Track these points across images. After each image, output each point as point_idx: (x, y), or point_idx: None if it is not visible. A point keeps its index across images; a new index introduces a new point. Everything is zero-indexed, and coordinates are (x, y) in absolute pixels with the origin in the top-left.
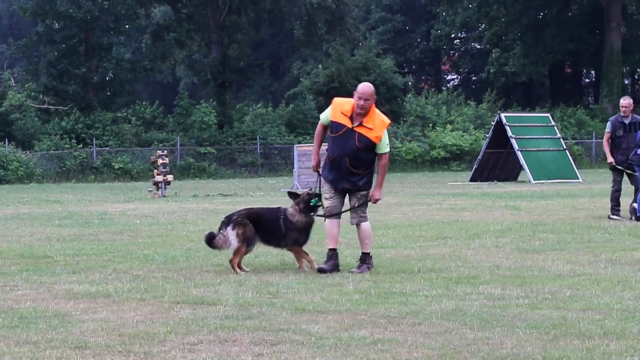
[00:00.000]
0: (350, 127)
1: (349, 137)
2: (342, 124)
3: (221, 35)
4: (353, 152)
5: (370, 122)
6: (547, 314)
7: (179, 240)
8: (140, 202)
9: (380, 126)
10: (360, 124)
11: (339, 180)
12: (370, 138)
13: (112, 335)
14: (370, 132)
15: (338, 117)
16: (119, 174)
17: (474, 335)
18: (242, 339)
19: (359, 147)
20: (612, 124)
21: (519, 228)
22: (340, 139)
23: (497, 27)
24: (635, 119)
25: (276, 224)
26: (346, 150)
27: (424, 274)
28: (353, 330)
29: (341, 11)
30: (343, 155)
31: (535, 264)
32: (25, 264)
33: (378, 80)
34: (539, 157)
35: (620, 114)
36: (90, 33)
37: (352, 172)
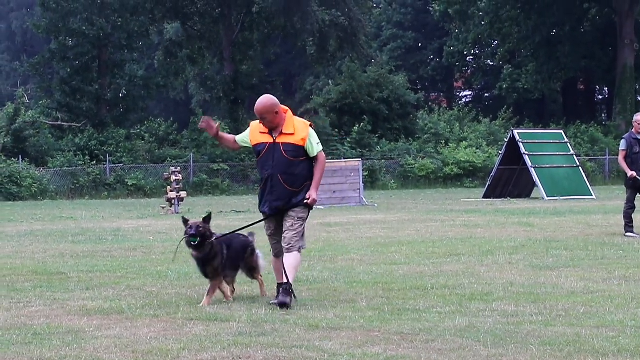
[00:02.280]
0: (272, 141)
1: (274, 151)
2: (264, 142)
3: (233, 52)
4: (283, 166)
5: (289, 128)
6: (560, 331)
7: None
8: (154, 218)
9: (301, 128)
10: (280, 133)
11: (271, 202)
12: (294, 143)
13: (125, 352)
14: (292, 137)
15: (258, 139)
16: (132, 191)
17: (487, 352)
18: (255, 356)
19: (288, 157)
20: (627, 142)
21: (532, 245)
22: (266, 157)
23: (509, 44)
24: None
25: None
26: (275, 166)
27: (438, 291)
28: (366, 347)
29: (353, 28)
30: (274, 173)
31: (548, 281)
32: (39, 281)
33: (391, 96)
34: (552, 174)
35: (632, 131)
36: (103, 50)
37: (287, 190)
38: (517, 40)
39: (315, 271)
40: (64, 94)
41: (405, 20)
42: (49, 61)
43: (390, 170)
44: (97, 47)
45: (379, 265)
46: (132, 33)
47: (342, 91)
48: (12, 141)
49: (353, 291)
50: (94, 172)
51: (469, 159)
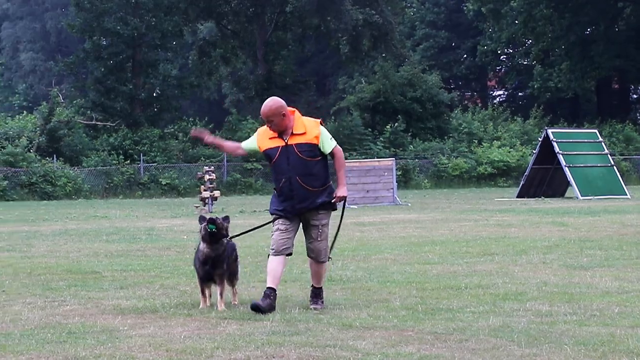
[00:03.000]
0: (284, 144)
1: (288, 153)
2: (275, 146)
3: (267, 51)
4: (300, 167)
5: (299, 128)
6: (595, 330)
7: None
8: (187, 217)
9: (312, 126)
10: (291, 134)
11: (293, 205)
12: (308, 142)
13: (159, 351)
14: (304, 137)
15: (268, 144)
16: (165, 190)
17: (521, 352)
18: (289, 355)
19: (304, 157)
20: None
21: (566, 244)
22: (280, 162)
23: (543, 42)
24: None
25: None
26: (292, 168)
27: (471, 290)
28: (400, 346)
29: (386, 27)
30: (292, 176)
31: (582, 281)
32: (73, 280)
33: (424, 96)
34: (587, 173)
35: None
36: (137, 50)
37: (308, 191)
38: (551, 39)
39: (348, 270)
40: (98, 93)
41: (439, 19)
42: (83, 61)
43: (423, 169)
44: (131, 47)
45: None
46: (166, 32)
47: (375, 90)
48: (47, 140)
49: (386, 291)
50: (127, 171)
51: (503, 159)
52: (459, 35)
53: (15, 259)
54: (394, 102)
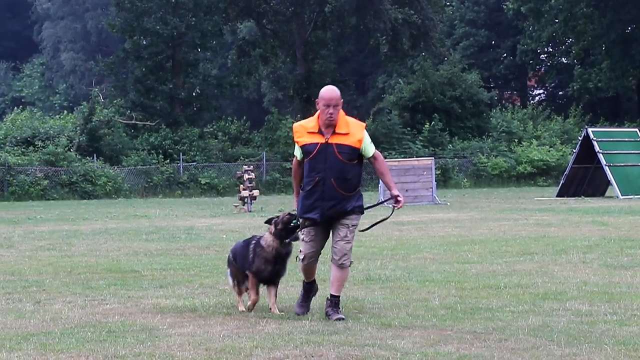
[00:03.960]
0: (325, 142)
1: (327, 152)
2: (314, 142)
3: (306, 50)
4: (338, 169)
5: (342, 127)
6: (636, 330)
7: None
8: (227, 217)
9: (357, 128)
10: (333, 133)
11: (323, 212)
12: (350, 145)
13: (198, 350)
14: (348, 138)
15: (307, 138)
16: (205, 189)
17: (561, 352)
18: (328, 354)
19: (342, 159)
20: None
21: (606, 244)
22: (316, 159)
23: (584, 41)
24: None
25: (246, 252)
26: (328, 169)
27: (510, 290)
28: (439, 345)
29: (426, 26)
30: (326, 177)
31: (623, 280)
32: (113, 278)
33: (464, 95)
34: (627, 173)
35: None
36: (177, 49)
37: (341, 195)
38: (592, 37)
39: (387, 270)
40: (138, 93)
41: (478, 18)
42: (123, 60)
43: (462, 168)
44: (171, 47)
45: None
46: (205, 32)
47: (414, 89)
48: (87, 140)
49: (425, 290)
50: (167, 170)
51: (543, 158)
52: (499, 34)
53: (56, 257)
54: (434, 101)
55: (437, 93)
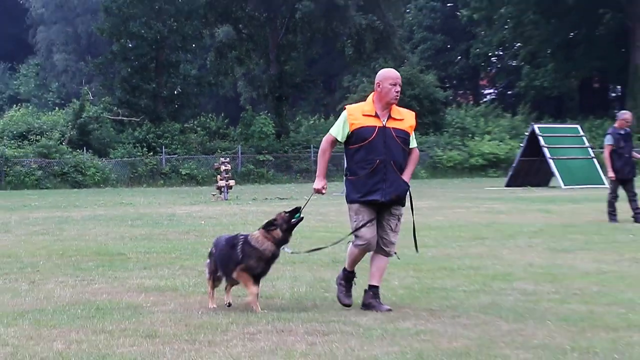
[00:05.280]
0: (382, 126)
1: (386, 136)
2: (372, 125)
3: (278, 53)
4: (396, 152)
5: (396, 113)
6: (575, 308)
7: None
8: (205, 204)
9: (410, 116)
10: (389, 117)
11: (384, 194)
12: (405, 129)
13: (179, 325)
14: (402, 123)
15: (363, 121)
16: (185, 179)
17: (508, 327)
18: (296, 330)
19: (400, 143)
20: (613, 137)
21: (550, 229)
22: (376, 142)
23: (531, 45)
24: (627, 130)
25: (232, 251)
26: (389, 152)
27: (463, 271)
28: (398, 322)
29: (387, 31)
30: (387, 159)
31: (565, 263)
32: (101, 261)
33: (422, 94)
34: (569, 165)
35: (616, 127)
36: (160, 51)
37: (399, 178)
38: (538, 42)
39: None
40: (124, 91)
41: (435, 24)
42: (111, 61)
43: (420, 161)
44: (155, 49)
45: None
46: (186, 36)
47: None
48: (78, 134)
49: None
50: (151, 162)
51: (493, 151)
52: (454, 39)
53: (49, 241)
54: None
55: None
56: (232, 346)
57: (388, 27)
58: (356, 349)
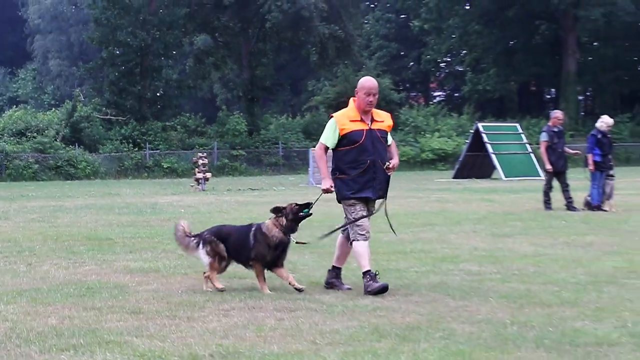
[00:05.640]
0: (369, 128)
1: (373, 137)
2: (360, 129)
3: (250, 59)
4: (382, 152)
5: (377, 115)
6: (515, 286)
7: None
8: (185, 195)
9: (387, 116)
10: (372, 120)
11: (375, 190)
12: (385, 129)
13: (161, 303)
14: (383, 124)
15: (351, 126)
16: (167, 172)
17: (455, 304)
18: (266, 307)
19: (383, 142)
20: (548, 134)
21: (492, 217)
22: (366, 143)
23: (475, 53)
24: (559, 127)
25: (245, 239)
26: (376, 152)
27: (415, 254)
28: (357, 299)
29: (348, 40)
30: (376, 159)
31: (505, 246)
32: (91, 245)
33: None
34: (509, 159)
35: (550, 125)
36: (145, 58)
37: (386, 175)
38: (481, 50)
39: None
40: (112, 93)
41: (390, 33)
42: (100, 67)
43: None
44: (140, 55)
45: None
46: (168, 44)
47: (338, 91)
48: (70, 132)
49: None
50: (136, 157)
51: (442, 147)
52: (407, 46)
53: (44, 228)
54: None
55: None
56: (208, 321)
57: (348, 36)
58: (319, 324)
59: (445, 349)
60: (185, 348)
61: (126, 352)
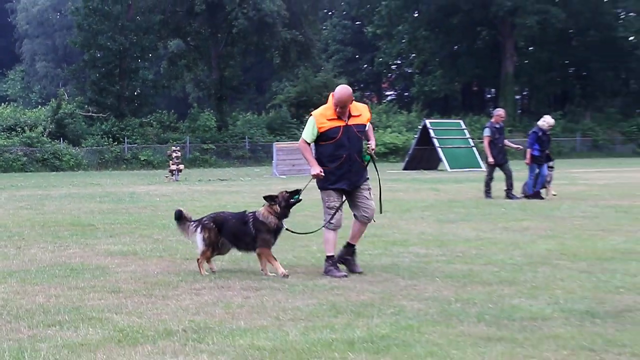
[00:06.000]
0: (345, 124)
1: (349, 133)
2: (336, 126)
3: (219, 61)
4: (358, 145)
5: (355, 110)
6: (458, 267)
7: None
8: (160, 185)
9: (364, 109)
10: (350, 116)
11: (351, 181)
12: (363, 123)
13: (138, 283)
14: (360, 118)
15: (329, 124)
16: (144, 164)
17: (405, 283)
18: (234, 286)
19: (360, 136)
20: (491, 130)
21: (438, 205)
22: (342, 139)
23: (423, 56)
24: (501, 124)
25: (245, 227)
26: (352, 146)
27: (368, 238)
28: (316, 279)
29: (308, 44)
30: (351, 152)
31: (450, 231)
32: (75, 230)
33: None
34: (454, 152)
35: (492, 121)
36: (123, 60)
37: (361, 165)
38: (429, 53)
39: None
40: (93, 92)
41: (346, 38)
42: (82, 68)
43: None
44: (119, 58)
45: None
46: (144, 47)
47: (299, 91)
48: (56, 127)
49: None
50: (115, 150)
51: (393, 141)
52: (361, 50)
53: (32, 215)
54: (313, 99)
55: (315, 93)
56: (181, 299)
57: (308, 40)
58: (282, 302)
59: (396, 323)
60: (161, 324)
61: (107, 327)
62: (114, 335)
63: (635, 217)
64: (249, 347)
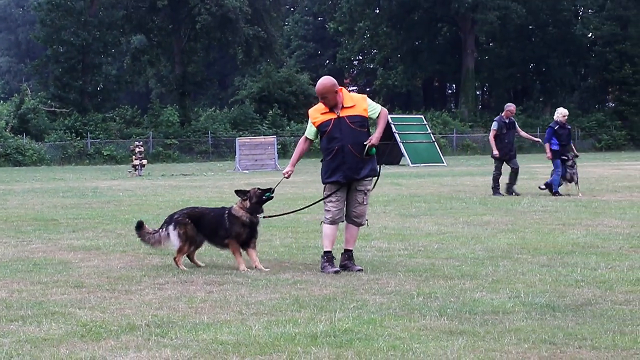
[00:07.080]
0: (337, 117)
1: (341, 124)
2: (328, 119)
3: (182, 57)
4: (351, 137)
5: (348, 102)
6: (420, 261)
7: (151, 208)
8: (123, 180)
9: (360, 100)
10: (342, 107)
11: (345, 174)
12: (358, 114)
13: (101, 278)
14: (354, 109)
15: (321, 118)
16: (107, 159)
17: (367, 277)
18: (197, 280)
19: (355, 128)
20: (498, 124)
21: (400, 199)
22: (333, 132)
23: (384, 52)
24: (511, 119)
25: (220, 221)
26: (344, 137)
27: None
28: (279, 274)
29: (270, 40)
30: (344, 144)
31: (412, 225)
32: (38, 225)
33: (298, 90)
34: (415, 147)
35: (502, 116)
36: (86, 55)
37: (357, 158)
38: (390, 49)
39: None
40: (56, 87)
41: (308, 34)
42: (45, 63)
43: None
44: (81, 53)
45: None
46: (107, 43)
47: (261, 86)
48: (18, 123)
49: (269, 233)
50: (78, 145)
51: None
52: (323, 46)
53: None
54: (275, 94)
55: (277, 89)
56: (145, 294)
57: (270, 36)
58: (245, 296)
59: (359, 317)
60: (124, 318)
61: (70, 322)
62: (77, 330)
63: (594, 212)
64: (212, 341)
